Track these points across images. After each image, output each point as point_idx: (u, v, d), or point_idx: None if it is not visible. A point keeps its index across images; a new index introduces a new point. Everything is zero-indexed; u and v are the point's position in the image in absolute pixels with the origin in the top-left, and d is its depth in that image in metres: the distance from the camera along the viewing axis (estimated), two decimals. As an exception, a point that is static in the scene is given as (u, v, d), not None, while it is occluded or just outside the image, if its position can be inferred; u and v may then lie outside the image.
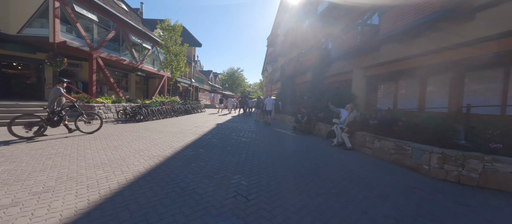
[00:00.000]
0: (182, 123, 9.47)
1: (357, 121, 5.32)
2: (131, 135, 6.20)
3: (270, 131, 8.55)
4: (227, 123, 10.29)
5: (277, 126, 10.49)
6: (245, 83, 62.19)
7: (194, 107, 16.98)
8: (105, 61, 12.42)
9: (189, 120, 10.88)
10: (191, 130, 7.63)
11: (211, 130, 7.80)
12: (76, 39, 9.90)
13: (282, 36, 23.22)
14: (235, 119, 13.02)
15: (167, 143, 5.42)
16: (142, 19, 19.81)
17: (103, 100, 9.49)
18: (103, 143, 5.09)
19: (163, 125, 8.75)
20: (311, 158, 4.50)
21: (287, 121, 11.55)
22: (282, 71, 20.07)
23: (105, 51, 11.73)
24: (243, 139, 6.42)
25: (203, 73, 39.73)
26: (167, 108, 11.99)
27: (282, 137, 7.16)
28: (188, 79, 25.79)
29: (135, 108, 9.49)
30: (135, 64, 14.40)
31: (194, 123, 9.85)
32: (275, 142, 6.19)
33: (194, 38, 25.40)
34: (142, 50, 15.55)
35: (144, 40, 15.40)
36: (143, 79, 20.75)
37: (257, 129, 8.80)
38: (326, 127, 7.13)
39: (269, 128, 9.36)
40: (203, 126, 8.99)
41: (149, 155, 4.27)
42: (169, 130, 7.54)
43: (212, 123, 9.94)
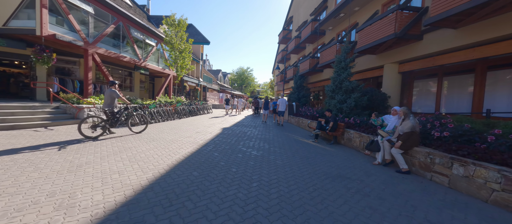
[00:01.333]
0: (182, 128, 8.19)
1: (416, 133, 3.70)
2: (113, 145, 4.93)
3: (286, 138, 7.04)
4: (234, 128, 8.90)
5: (293, 130, 8.96)
6: (254, 82, 60.85)
7: (200, 107, 15.79)
8: (103, 57, 11.45)
9: (192, 124, 9.60)
10: (190, 138, 6.29)
11: (214, 138, 6.42)
12: (68, 33, 8.92)
13: (295, 32, 21.58)
14: (244, 121, 11.63)
15: (153, 159, 4.08)
16: (148, 16, 18.93)
17: (96, 101, 8.41)
18: (69, 159, 3.83)
19: (160, 130, 7.50)
20: (358, 193, 2.97)
21: (304, 125, 9.97)
22: (295, 69, 18.41)
23: (103, 46, 10.74)
24: (253, 152, 4.98)
25: (212, 73, 38.78)
26: (169, 110, 10.80)
27: (303, 148, 5.64)
28: (195, 78, 24.77)
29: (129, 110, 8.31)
30: (137, 61, 13.40)
31: (196, 127, 8.54)
32: (296, 157, 4.69)
33: (202, 36, 24.35)
34: (146, 47, 14.55)
35: (147, 36, 14.38)
36: (149, 78, 19.92)
37: (269, 136, 7.33)
38: (361, 137, 5.52)
39: (284, 134, 7.86)
40: (206, 131, 7.65)
41: (115, 184, 2.92)
42: (164, 137, 6.24)
43: (217, 128, 8.58)
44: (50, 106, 7.40)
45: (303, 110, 11.41)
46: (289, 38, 24.22)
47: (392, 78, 8.88)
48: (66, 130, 6.26)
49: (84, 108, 7.64)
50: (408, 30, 7.27)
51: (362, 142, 5.45)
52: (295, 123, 11.34)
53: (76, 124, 7.40)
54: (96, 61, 10.24)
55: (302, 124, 10.23)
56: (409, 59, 8.15)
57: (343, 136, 6.33)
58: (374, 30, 8.31)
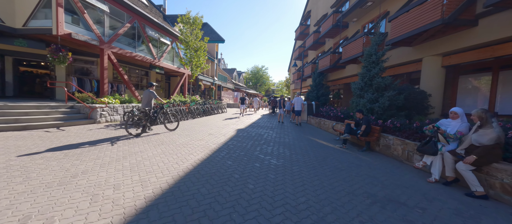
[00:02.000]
0: (194, 129, 7.70)
1: (500, 145, 2.71)
2: (119, 149, 4.50)
3: (309, 143, 6.21)
4: (250, 129, 8.24)
5: (314, 133, 8.06)
6: (269, 81, 59.93)
7: (214, 107, 15.40)
8: (119, 56, 11.43)
9: (205, 124, 9.12)
10: (201, 141, 5.73)
11: (227, 142, 5.80)
12: (84, 32, 8.87)
13: (314, 27, 20.36)
14: (259, 122, 10.94)
15: (157, 168, 3.53)
16: (164, 15, 18.97)
17: (109, 100, 8.24)
18: (65, 166, 3.42)
19: (171, 131, 7.06)
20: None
21: (326, 127, 9.00)
22: (314, 66, 17.25)
23: (118, 46, 10.67)
24: (273, 160, 4.25)
25: (227, 71, 38.63)
26: (182, 109, 10.45)
27: (332, 156, 4.79)
28: (210, 77, 24.61)
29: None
30: (152, 60, 13.31)
31: (209, 128, 8.01)
32: (325, 169, 3.88)
33: (216, 34, 24.07)
34: (161, 46, 14.45)
35: (162, 35, 14.26)
36: (165, 77, 20.04)
37: (289, 140, 6.55)
38: (405, 144, 4.52)
39: (305, 138, 7.01)
40: (220, 133, 7.07)
41: (104, 206, 2.37)
42: (174, 140, 5.75)
43: (231, 129, 7.98)
44: (65, 106, 7.32)
45: (325, 110, 10.42)
46: (306, 34, 23.02)
47: (433, 73, 7.61)
48: (76, 131, 6.04)
49: (97, 108, 7.46)
50: (459, 14, 6.03)
51: (406, 151, 4.46)
52: (316, 125, 10.39)
53: (89, 124, 7.24)
54: (111, 60, 10.18)
55: (324, 125, 9.27)
56: (457, 50, 6.85)
57: (378, 142, 5.35)
58: (412, 18, 7.11)
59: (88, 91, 10.68)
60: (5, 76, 9.38)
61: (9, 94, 9.60)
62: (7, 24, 7.89)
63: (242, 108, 15.30)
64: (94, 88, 11.24)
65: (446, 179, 3.30)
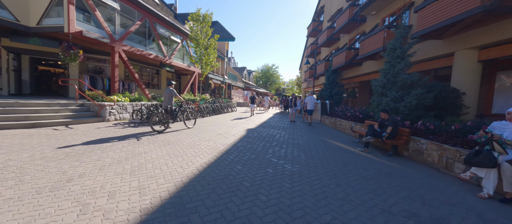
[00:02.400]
0: (203, 128, 7.40)
1: None
2: (121, 150, 4.25)
3: (325, 145, 5.68)
4: (260, 129, 7.81)
5: (329, 134, 7.47)
6: (279, 80, 59.12)
7: (224, 105, 15.13)
8: (129, 55, 11.42)
9: (215, 123, 8.81)
10: (209, 142, 5.39)
11: (237, 143, 5.41)
12: (95, 30, 8.86)
13: (327, 22, 19.50)
14: (270, 121, 10.48)
15: (159, 172, 3.20)
16: (175, 14, 18.97)
17: (119, 98, 8.15)
18: (63, 168, 3.18)
19: (179, 131, 6.80)
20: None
21: (342, 127, 8.37)
22: (327, 63, 16.46)
23: (129, 43, 10.64)
24: (287, 165, 3.80)
25: (237, 70, 38.44)
26: (192, 108, 10.22)
27: (354, 162, 4.25)
28: (220, 75, 24.46)
29: (150, 108, 7.85)
30: (163, 58, 13.24)
31: (219, 127, 7.67)
32: (349, 178, 3.37)
33: (227, 32, 23.87)
34: (171, 44, 14.38)
35: (172, 33, 14.17)
36: (175, 76, 20.10)
37: (303, 141, 6.05)
38: (442, 150, 3.88)
39: (321, 139, 6.47)
40: (229, 133, 6.70)
41: (92, 221, 2.05)
42: (181, 140, 5.45)
43: (241, 129, 7.59)
44: (75, 103, 7.29)
45: (340, 110, 9.75)
46: (319, 30, 22.16)
47: (466, 69, 6.77)
48: (84, 129, 5.92)
49: (106, 106, 7.37)
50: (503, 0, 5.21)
51: (444, 158, 3.82)
52: (330, 125, 9.75)
53: (98, 122, 7.16)
54: (122, 58, 10.15)
55: (340, 126, 8.62)
56: (498, 42, 6.00)
57: (407, 146, 4.72)
58: (444, 6, 6.33)
59: (100, 89, 10.76)
60: (22, 74, 9.60)
61: (26, 92, 9.85)
62: (22, 23, 8.01)
63: (252, 107, 14.02)
64: (106, 86, 11.32)
65: (503, 195, 2.69)
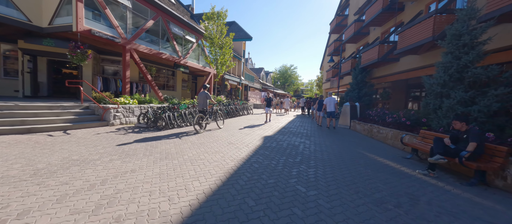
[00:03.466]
0: (213, 135, 6.42)
1: None
2: (103, 169, 3.37)
3: (369, 163, 4.30)
4: (279, 137, 6.61)
5: (365, 144, 5.98)
6: (298, 81, 57.02)
7: (239, 108, 14.18)
8: (142, 55, 11.00)
9: (227, 128, 7.82)
10: (216, 155, 4.35)
11: (251, 157, 4.29)
12: (106, 29, 8.45)
13: (354, 16, 17.59)
14: (291, 126, 9.21)
15: (137, 211, 2.20)
16: (192, 14, 18.63)
17: (126, 100, 7.56)
18: (15, 195, 2.33)
19: (184, 139, 5.88)
20: None
21: (381, 137, 6.78)
22: (354, 61, 14.58)
23: (141, 43, 10.19)
24: (322, 201, 2.56)
25: (254, 71, 37.57)
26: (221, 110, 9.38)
27: (423, 197, 2.88)
28: (237, 76, 23.70)
29: (157, 112, 7.11)
30: (177, 59, 12.71)
31: (230, 135, 6.64)
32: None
33: (244, 32, 23.08)
34: (186, 44, 13.85)
35: (187, 32, 13.63)
36: (191, 77, 19.76)
37: (336, 156, 4.71)
38: None
39: (359, 153, 5.06)
40: (242, 142, 5.62)
41: None
42: (183, 151, 4.50)
43: (256, 136, 6.47)
44: (79, 106, 6.82)
45: (376, 114, 8.13)
46: (344, 25, 20.24)
47: None
48: (81, 136, 5.28)
49: (110, 109, 6.77)
50: None
51: None
52: (364, 132, 8.16)
53: (101, 126, 6.58)
54: (134, 58, 9.71)
55: (378, 135, 7.04)
56: None
57: (503, 172, 3.17)
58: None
59: (113, 91, 10.48)
60: (38, 76, 9.60)
61: (43, 94, 9.85)
62: (35, 23, 7.84)
63: (267, 111, 10.93)
64: (119, 88, 11.03)
65: None
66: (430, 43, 8.16)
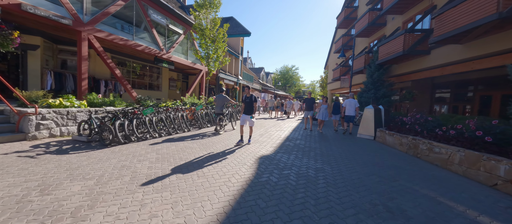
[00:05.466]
0: (181, 155, 4.22)
1: None
2: None
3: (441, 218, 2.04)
4: (282, 158, 4.42)
5: (412, 173, 3.70)
6: (300, 82, 54.83)
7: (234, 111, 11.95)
8: (108, 44, 8.86)
9: (206, 144, 5.61)
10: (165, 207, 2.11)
11: (229, 215, 2.06)
12: (48, 5, 6.30)
13: (366, 6, 15.37)
14: (297, 136, 6.99)
15: None
16: (183, 5, 16.50)
17: (63, 102, 5.35)
18: None
19: (129, 162, 3.67)
20: None
21: (440, 158, 4.49)
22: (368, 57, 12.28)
23: (106, 29, 8.04)
24: None
25: (253, 71, 35.41)
26: (183, 116, 7.15)
27: None
28: (234, 75, 21.51)
29: (103, 119, 4.90)
30: (157, 52, 10.55)
31: (209, 152, 4.43)
32: None
33: (242, 27, 20.95)
34: (170, 35, 11.70)
35: (172, 21, 11.48)
36: (182, 76, 17.61)
37: (385, 204, 2.47)
38: None
39: (414, 191, 2.83)
40: (221, 171, 3.40)
41: None
42: (104, 202, 2.27)
43: (248, 157, 4.27)
44: (-11, 110, 4.62)
45: (416, 121, 5.88)
46: (353, 18, 18.08)
47: None
48: None
49: (28, 114, 4.55)
50: None
51: None
52: (401, 148, 5.85)
53: (17, 140, 4.38)
54: (94, 47, 7.55)
55: (430, 155, 4.69)
56: None
57: None
58: None
59: (70, 89, 8.33)
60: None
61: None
62: None
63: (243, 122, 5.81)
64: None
65: None
66: (489, 25, 5.96)
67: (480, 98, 9.42)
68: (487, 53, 6.87)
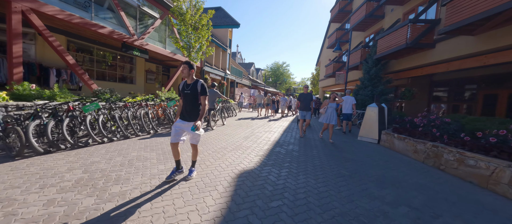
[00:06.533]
0: (123, 176, 2.88)
1: None
2: None
3: None
4: (269, 175, 3.20)
5: (448, 196, 2.65)
6: (290, 79, 54.08)
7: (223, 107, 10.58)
8: (57, 23, 7.17)
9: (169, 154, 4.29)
10: None
11: None
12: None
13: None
14: (288, 139, 5.81)
15: None
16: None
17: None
18: None
19: (15, 197, 2.27)
20: None
21: (466, 171, 3.46)
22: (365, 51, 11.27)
23: (52, 3, 6.35)
24: None
25: (243, 66, 33.96)
26: (147, 114, 5.70)
27: None
28: (221, 70, 20.01)
29: (12, 120, 3.41)
30: (126, 37, 8.92)
31: (166, 170, 3.13)
32: None
33: (231, 18, 19.51)
34: (144, 18, 10.06)
35: (144, 2, 9.83)
36: (162, 68, 15.89)
37: None
38: None
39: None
40: (170, 216, 2.11)
41: None
42: None
43: (223, 178, 3.03)
44: None
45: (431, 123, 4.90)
46: (348, 11, 17.16)
47: None
48: None
49: None
50: None
51: None
52: (415, 155, 4.83)
53: None
54: (32, 23, 5.88)
55: (460, 168, 3.61)
56: None
57: None
58: None
59: (5, 78, 6.59)
60: None
61: None
62: None
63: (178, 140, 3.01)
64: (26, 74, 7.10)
65: None
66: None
67: (483, 97, 8.75)
68: (504, 46, 6.02)
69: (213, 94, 7.23)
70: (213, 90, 7.26)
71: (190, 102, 2.72)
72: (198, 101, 2.74)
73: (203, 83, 2.73)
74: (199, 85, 2.71)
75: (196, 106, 2.75)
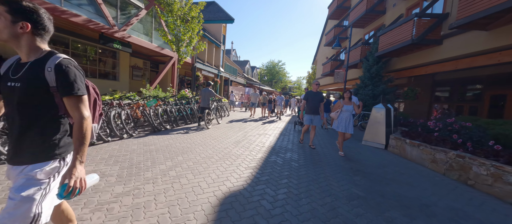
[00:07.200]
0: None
1: None
2: None
3: None
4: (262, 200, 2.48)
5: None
6: (286, 77, 53.49)
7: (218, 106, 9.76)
8: None
9: (139, 167, 3.49)
10: None
11: None
12: None
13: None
14: (285, 144, 5.08)
15: None
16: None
17: None
18: None
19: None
20: None
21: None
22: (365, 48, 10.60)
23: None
24: None
25: (238, 64, 33.06)
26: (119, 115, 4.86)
27: None
28: (214, 67, 19.12)
29: None
30: (106, 28, 7.97)
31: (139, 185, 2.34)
32: None
33: (224, 12, 18.57)
34: (127, 7, 9.11)
35: (126, -11, 8.88)
36: (150, 64, 14.88)
37: None
38: None
39: None
40: None
41: None
42: None
43: (199, 206, 2.27)
44: None
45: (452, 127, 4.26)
46: (346, 7, 16.56)
47: None
48: None
49: None
50: None
51: None
52: (432, 165, 4.17)
53: None
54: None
55: (491, 185, 3.08)
56: None
57: None
58: None
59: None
60: None
61: None
62: None
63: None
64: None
65: None
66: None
67: (490, 98, 8.28)
68: None
69: (207, 93, 7.01)
70: (208, 89, 7.06)
71: (22, 112, 1.02)
72: (52, 110, 1.07)
73: (70, 60, 1.07)
74: (55, 66, 1.02)
75: (42, 121, 1.04)
